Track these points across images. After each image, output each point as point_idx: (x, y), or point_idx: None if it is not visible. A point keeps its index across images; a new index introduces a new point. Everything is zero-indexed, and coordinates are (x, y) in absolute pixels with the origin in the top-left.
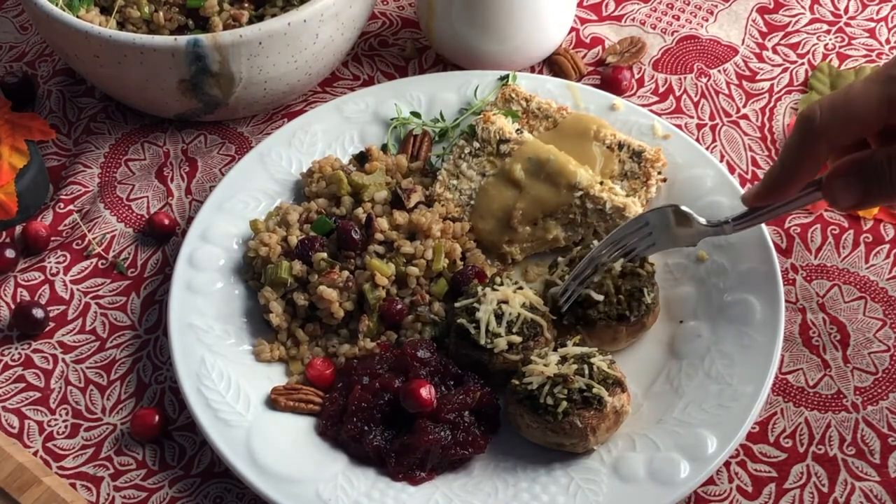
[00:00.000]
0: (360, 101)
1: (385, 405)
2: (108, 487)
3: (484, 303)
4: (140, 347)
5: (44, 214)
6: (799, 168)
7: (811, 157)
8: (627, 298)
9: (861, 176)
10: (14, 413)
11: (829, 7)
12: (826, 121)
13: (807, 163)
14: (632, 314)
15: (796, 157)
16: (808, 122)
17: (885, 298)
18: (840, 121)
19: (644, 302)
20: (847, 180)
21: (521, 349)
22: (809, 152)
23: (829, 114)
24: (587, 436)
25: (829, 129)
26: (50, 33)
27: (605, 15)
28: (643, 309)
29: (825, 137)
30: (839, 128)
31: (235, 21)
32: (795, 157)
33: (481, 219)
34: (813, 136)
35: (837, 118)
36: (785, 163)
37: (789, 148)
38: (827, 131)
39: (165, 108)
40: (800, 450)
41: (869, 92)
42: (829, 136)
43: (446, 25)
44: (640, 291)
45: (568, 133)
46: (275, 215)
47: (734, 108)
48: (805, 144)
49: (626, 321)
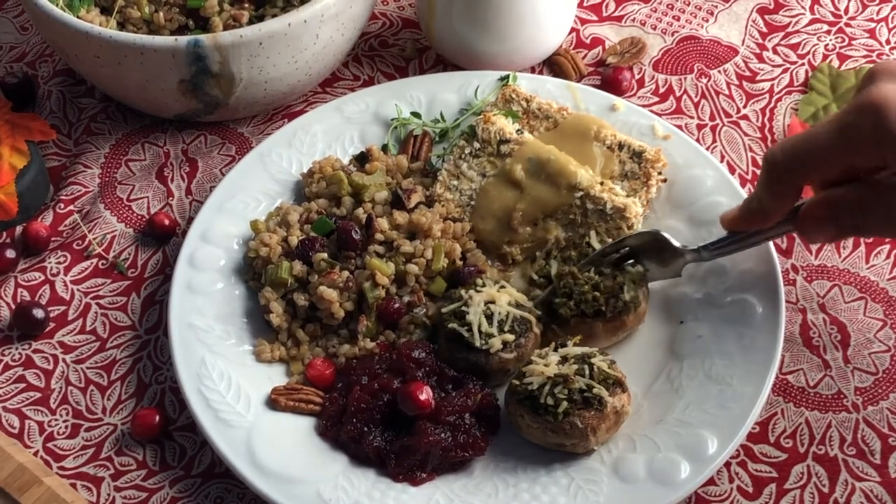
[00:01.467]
0: (361, 102)
1: (384, 406)
2: (109, 488)
3: (472, 305)
4: (140, 348)
5: (44, 215)
6: (770, 206)
7: (778, 199)
8: (604, 294)
9: (833, 218)
10: (14, 413)
11: (829, 7)
12: (786, 166)
13: (776, 203)
14: (607, 310)
15: (765, 197)
16: (770, 167)
17: (885, 299)
18: (799, 167)
19: (621, 299)
20: (819, 221)
21: (515, 347)
22: (776, 193)
23: (788, 159)
24: (587, 436)
25: (791, 173)
26: (50, 34)
27: (605, 15)
28: (619, 305)
29: (789, 181)
30: (799, 173)
31: (236, 21)
32: (765, 198)
33: (481, 219)
34: (778, 180)
35: (796, 164)
36: (757, 202)
37: (758, 189)
38: (790, 175)
39: (166, 109)
40: (800, 450)
41: (829, 136)
42: (792, 180)
43: (446, 26)
44: (619, 288)
45: (568, 133)
46: (275, 216)
47: (734, 109)
48: (770, 186)
49: (601, 317)
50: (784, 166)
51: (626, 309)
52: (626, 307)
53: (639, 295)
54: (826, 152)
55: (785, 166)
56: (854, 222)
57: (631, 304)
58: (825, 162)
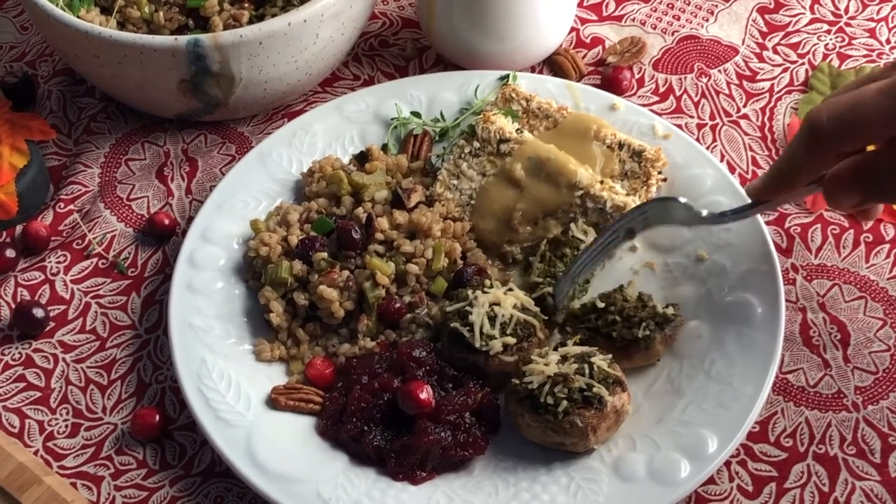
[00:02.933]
0: (361, 101)
1: (385, 405)
2: (109, 487)
3: (476, 305)
4: (140, 347)
5: (44, 214)
6: (804, 169)
7: (817, 162)
8: (623, 322)
9: (860, 183)
10: (14, 412)
11: (829, 7)
12: (833, 131)
13: (813, 166)
14: (618, 338)
15: (802, 160)
16: (815, 131)
17: (885, 298)
18: (848, 133)
19: (634, 332)
20: (846, 186)
21: (516, 350)
22: (815, 157)
23: (836, 125)
24: (587, 435)
25: (837, 139)
26: (50, 33)
27: (605, 15)
28: (629, 338)
29: (832, 147)
30: (847, 139)
31: (236, 21)
32: (801, 160)
33: (482, 218)
34: (819, 144)
35: (845, 130)
36: (790, 163)
37: (795, 150)
38: (834, 142)
39: (165, 108)
40: (800, 449)
41: (881, 106)
42: (836, 146)
43: (446, 25)
44: (637, 322)
45: (568, 133)
46: (275, 215)
47: (734, 108)
48: (811, 151)
49: (611, 342)
50: (830, 132)
51: (635, 344)
52: (636, 343)
53: (655, 337)
54: (876, 120)
55: (831, 132)
56: (881, 188)
57: (642, 341)
58: (874, 130)
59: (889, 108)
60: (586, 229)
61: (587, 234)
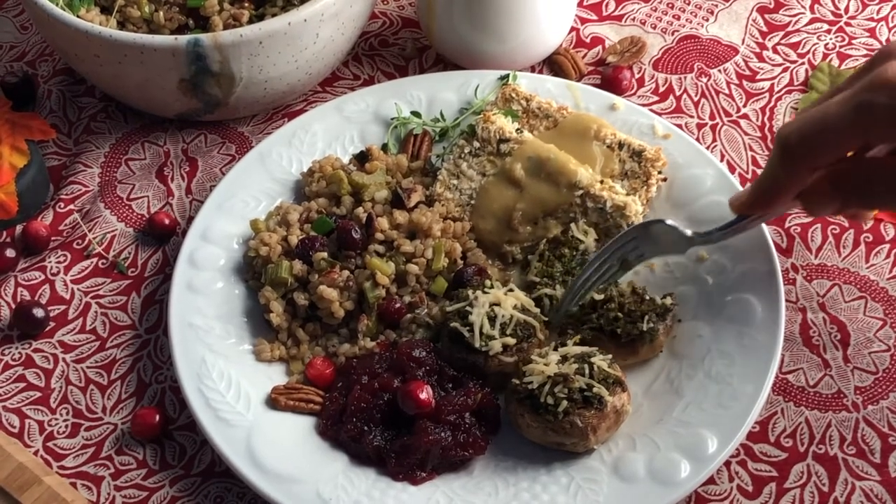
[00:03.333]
0: (361, 101)
1: (385, 405)
2: (109, 487)
3: (476, 306)
4: (140, 347)
5: (44, 214)
6: (784, 186)
7: (795, 178)
8: (625, 317)
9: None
10: (14, 412)
11: (829, 7)
12: (802, 149)
13: (791, 182)
14: (622, 334)
15: (780, 178)
16: (786, 151)
17: (885, 298)
18: (816, 149)
19: (638, 327)
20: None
21: (516, 351)
22: (791, 175)
23: (804, 142)
24: (587, 435)
25: (808, 156)
26: (50, 33)
27: (605, 15)
28: (634, 333)
29: (804, 164)
30: (817, 155)
31: (236, 21)
32: (779, 178)
33: (482, 218)
34: (793, 162)
35: (813, 146)
36: (770, 180)
37: (772, 168)
38: (805, 159)
39: (166, 108)
40: (800, 449)
41: (843, 118)
42: (808, 163)
43: (446, 25)
44: (640, 316)
45: (568, 133)
46: (275, 215)
47: (734, 108)
48: (786, 169)
49: (615, 339)
50: (800, 150)
51: (640, 338)
52: (642, 336)
53: (658, 328)
54: (841, 133)
55: (801, 150)
56: (858, 194)
57: (647, 334)
58: (841, 143)
59: (850, 118)
60: (586, 229)
61: (587, 235)
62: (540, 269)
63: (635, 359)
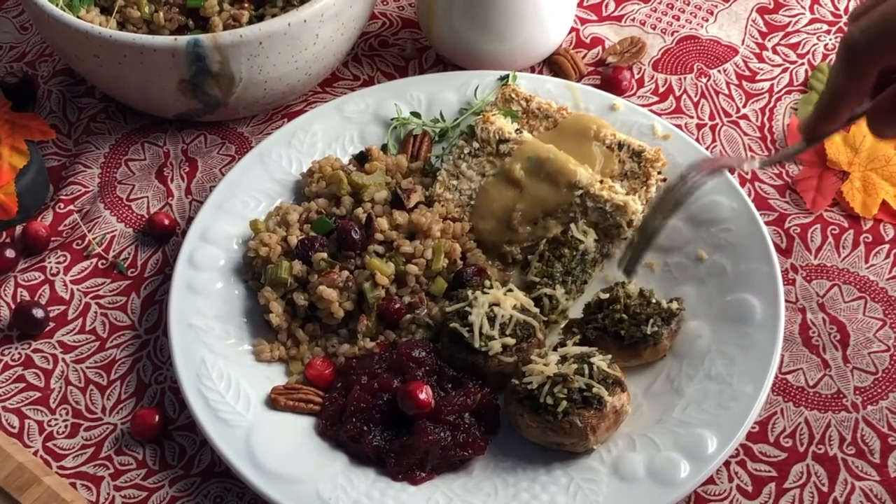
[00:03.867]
0: (360, 101)
1: (384, 405)
2: (109, 487)
3: (476, 306)
4: (140, 347)
5: (44, 214)
6: (847, 93)
7: (859, 83)
8: (630, 319)
9: None
10: (14, 413)
11: (829, 7)
12: (868, 44)
13: (855, 87)
14: (626, 335)
15: (843, 85)
16: (851, 48)
17: (884, 298)
18: (884, 43)
19: (642, 329)
20: (890, 115)
21: (515, 351)
22: (855, 78)
23: (869, 36)
24: (587, 435)
25: (874, 52)
26: (50, 33)
27: (605, 15)
28: (638, 335)
29: (870, 62)
30: (884, 50)
31: (235, 21)
32: (842, 85)
33: (481, 219)
34: (857, 61)
35: (880, 39)
36: (833, 91)
37: (835, 77)
38: (872, 55)
39: (165, 108)
40: (800, 449)
41: None
42: (874, 60)
43: (446, 25)
44: (644, 319)
45: (568, 133)
46: (275, 215)
47: (734, 108)
48: (850, 71)
49: (618, 340)
50: (866, 45)
51: (643, 341)
52: (645, 339)
53: (662, 332)
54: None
55: (867, 45)
56: None
57: (650, 337)
58: None
59: None
60: (586, 230)
61: (587, 235)
62: (540, 269)
63: (638, 361)
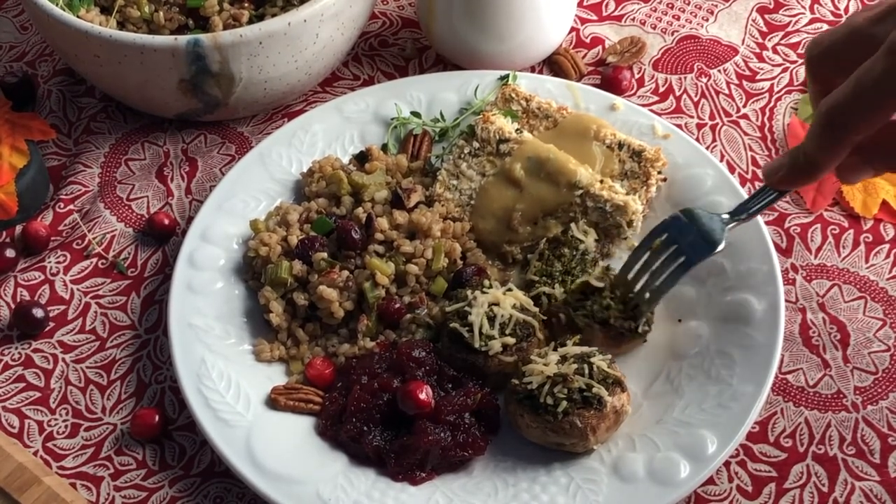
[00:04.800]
0: (361, 101)
1: (384, 405)
2: (109, 487)
3: (475, 306)
4: (140, 347)
5: (44, 214)
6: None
7: (841, 151)
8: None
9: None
10: (14, 413)
11: (829, 7)
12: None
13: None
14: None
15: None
16: (830, 124)
17: (884, 298)
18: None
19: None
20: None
21: (515, 350)
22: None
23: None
24: (587, 435)
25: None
26: (50, 33)
27: (605, 15)
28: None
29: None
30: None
31: (235, 21)
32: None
33: (481, 218)
34: (838, 134)
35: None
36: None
37: (815, 142)
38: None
39: (165, 108)
40: (800, 449)
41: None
42: (853, 134)
43: (446, 25)
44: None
45: (568, 133)
46: (275, 215)
47: (734, 108)
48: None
49: (607, 328)
50: (843, 121)
51: (629, 333)
52: (634, 335)
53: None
54: (880, 104)
55: (843, 125)
56: (888, 164)
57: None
58: (881, 114)
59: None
60: (586, 229)
61: (587, 235)
62: (539, 268)
63: (618, 351)
